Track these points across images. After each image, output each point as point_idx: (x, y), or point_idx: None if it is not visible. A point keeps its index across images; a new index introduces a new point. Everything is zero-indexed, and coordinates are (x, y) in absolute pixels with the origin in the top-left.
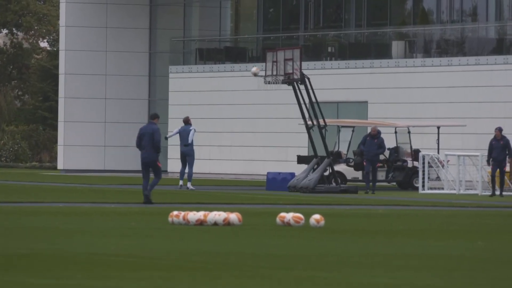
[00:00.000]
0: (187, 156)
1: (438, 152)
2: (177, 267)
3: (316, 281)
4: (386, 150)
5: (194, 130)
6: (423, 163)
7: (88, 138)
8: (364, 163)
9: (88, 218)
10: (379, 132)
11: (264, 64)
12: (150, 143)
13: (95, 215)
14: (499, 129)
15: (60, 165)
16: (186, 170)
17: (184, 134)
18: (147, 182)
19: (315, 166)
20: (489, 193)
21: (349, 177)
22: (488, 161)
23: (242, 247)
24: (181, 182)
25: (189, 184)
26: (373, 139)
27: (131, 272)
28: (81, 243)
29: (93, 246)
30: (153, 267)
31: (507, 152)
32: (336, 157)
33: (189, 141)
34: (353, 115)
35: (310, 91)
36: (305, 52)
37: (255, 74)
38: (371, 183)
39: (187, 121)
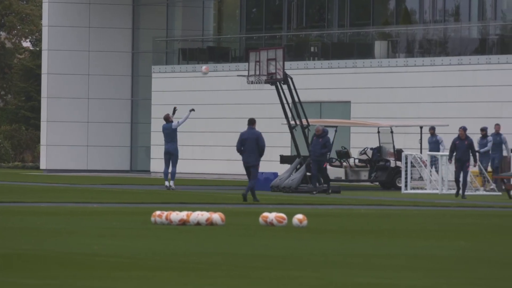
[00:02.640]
0: (171, 155)
1: (421, 152)
2: (161, 267)
3: (299, 280)
4: (369, 149)
5: (178, 122)
6: (406, 163)
7: (71, 138)
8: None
9: (71, 218)
10: (324, 131)
11: (247, 64)
12: (254, 147)
13: (78, 215)
14: (464, 129)
15: (42, 165)
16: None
17: (166, 132)
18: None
19: (298, 166)
20: (472, 192)
21: (331, 176)
22: (449, 159)
23: (225, 247)
24: (167, 183)
25: (171, 183)
26: (319, 138)
27: (114, 272)
28: (64, 243)
29: (76, 246)
30: (136, 267)
31: (471, 153)
32: None
33: (184, 120)
34: (336, 115)
35: (293, 91)
36: (288, 52)
37: (204, 73)
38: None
39: (167, 119)
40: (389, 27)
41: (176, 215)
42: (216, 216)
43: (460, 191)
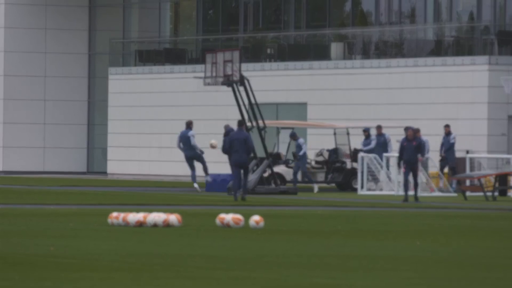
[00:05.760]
0: (194, 159)
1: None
2: (117, 268)
3: (255, 281)
4: (326, 151)
5: (192, 135)
6: (362, 164)
7: (28, 139)
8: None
9: (27, 219)
10: (230, 130)
11: (203, 65)
12: (243, 147)
13: (34, 216)
14: (411, 129)
15: None
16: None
17: (184, 138)
18: (239, 182)
19: (255, 167)
20: (427, 194)
21: (288, 178)
22: (398, 163)
23: (181, 248)
24: (195, 185)
25: (194, 185)
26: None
27: (69, 273)
28: (19, 244)
29: (31, 247)
30: (92, 268)
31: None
32: (276, 158)
33: (193, 146)
34: (292, 116)
35: (250, 92)
36: (245, 54)
37: (213, 146)
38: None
39: (188, 125)
40: (345, 28)
41: (133, 217)
42: (173, 218)
43: (411, 194)
